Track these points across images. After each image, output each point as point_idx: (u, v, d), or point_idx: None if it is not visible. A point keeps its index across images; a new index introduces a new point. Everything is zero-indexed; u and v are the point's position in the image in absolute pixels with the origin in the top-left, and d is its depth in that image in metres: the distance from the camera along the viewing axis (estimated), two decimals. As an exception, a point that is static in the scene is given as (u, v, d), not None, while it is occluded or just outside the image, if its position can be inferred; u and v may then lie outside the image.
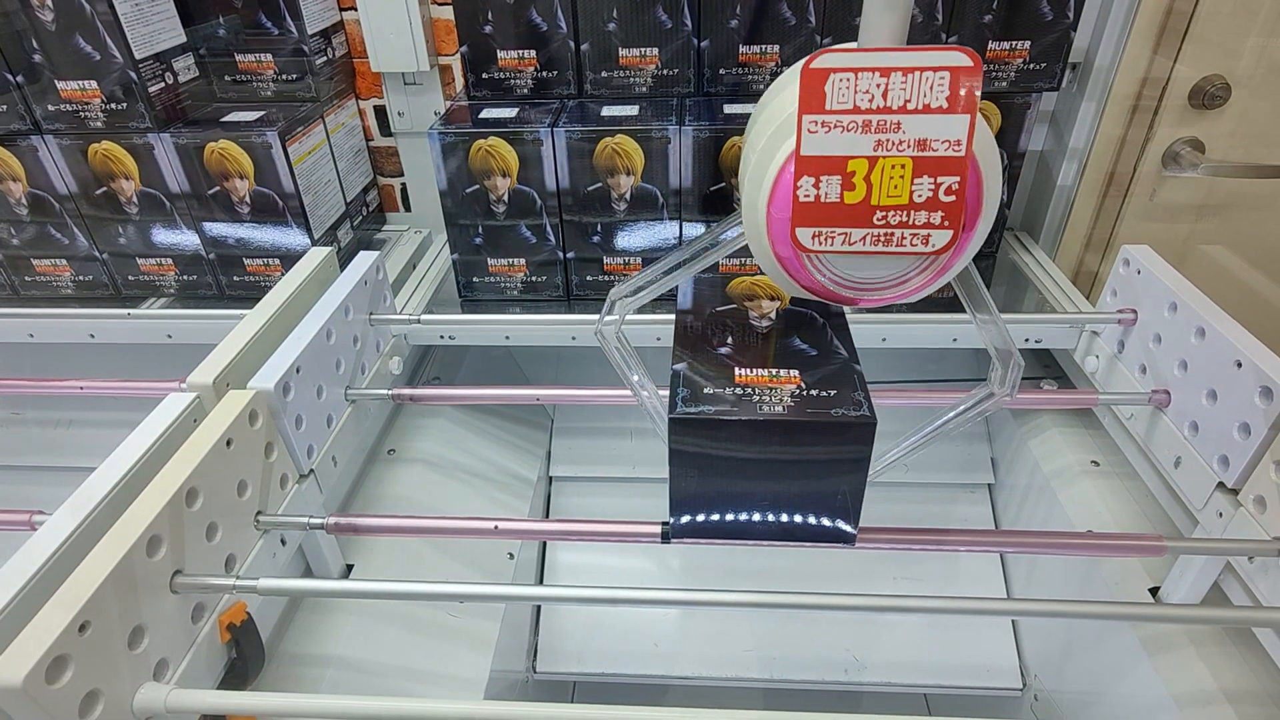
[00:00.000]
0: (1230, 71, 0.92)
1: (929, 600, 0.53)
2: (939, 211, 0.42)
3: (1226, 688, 0.60)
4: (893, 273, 0.46)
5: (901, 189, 0.41)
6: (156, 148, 0.85)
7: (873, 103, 0.40)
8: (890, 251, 0.43)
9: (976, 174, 0.42)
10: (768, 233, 0.45)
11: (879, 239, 0.43)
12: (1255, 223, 1.00)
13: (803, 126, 0.41)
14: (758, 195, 0.45)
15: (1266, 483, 0.56)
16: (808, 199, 0.42)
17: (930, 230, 0.42)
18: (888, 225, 0.43)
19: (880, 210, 0.42)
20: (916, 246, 0.43)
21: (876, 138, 0.41)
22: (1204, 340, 0.63)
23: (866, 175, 0.41)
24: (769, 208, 0.44)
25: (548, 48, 0.87)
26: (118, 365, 0.99)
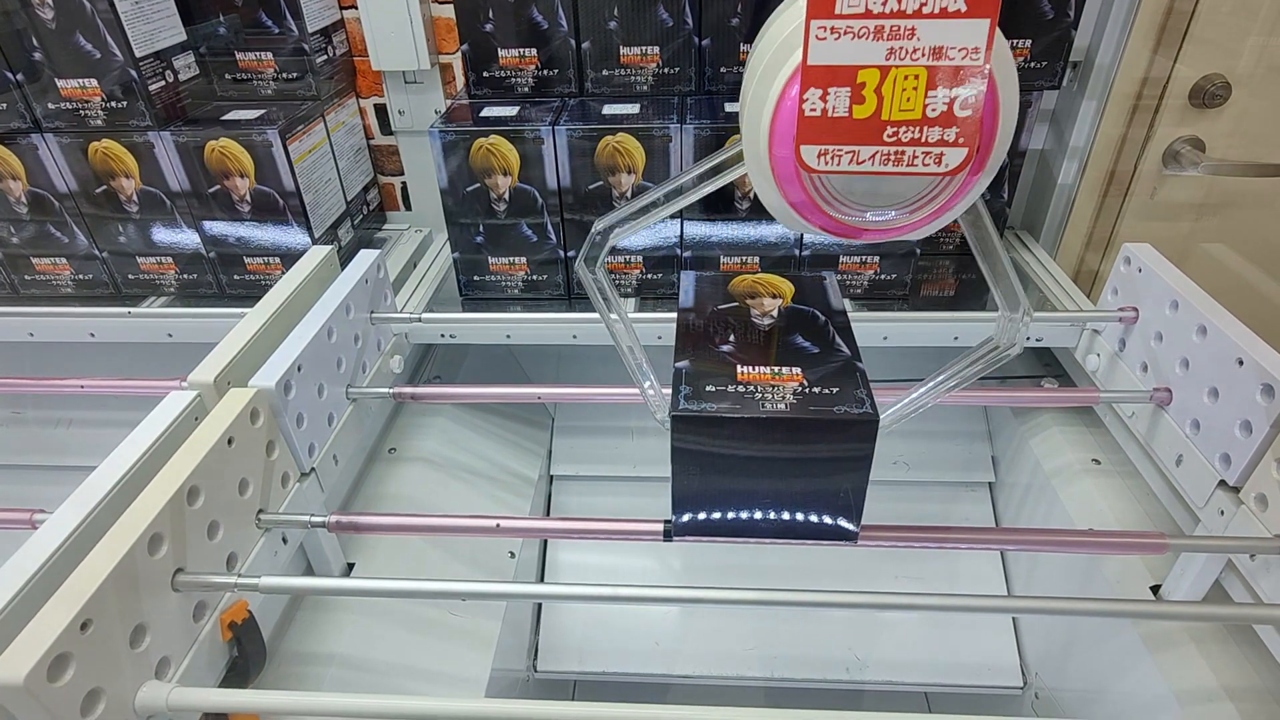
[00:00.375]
0: (1230, 70, 0.92)
1: (930, 598, 0.53)
2: (954, 128, 0.39)
3: (1228, 685, 0.60)
4: (902, 199, 0.43)
5: (914, 102, 0.39)
6: (157, 146, 0.85)
7: (885, 6, 0.37)
8: (901, 172, 0.40)
9: (993, 89, 0.39)
10: (769, 153, 0.42)
11: (889, 158, 0.40)
12: (1255, 221, 1.00)
13: (810, 33, 0.38)
14: (760, 114, 0.42)
15: (1268, 480, 0.56)
16: (814, 113, 0.39)
17: (944, 148, 0.39)
18: (899, 143, 0.40)
19: (891, 126, 0.39)
20: (929, 166, 0.40)
21: (889, 45, 0.38)
22: (1205, 338, 0.63)
23: (877, 87, 0.39)
24: (773, 125, 0.41)
25: (549, 46, 0.87)
26: (118, 364, 0.99)
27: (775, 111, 0.41)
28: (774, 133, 0.42)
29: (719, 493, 0.51)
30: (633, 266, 0.89)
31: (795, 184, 0.43)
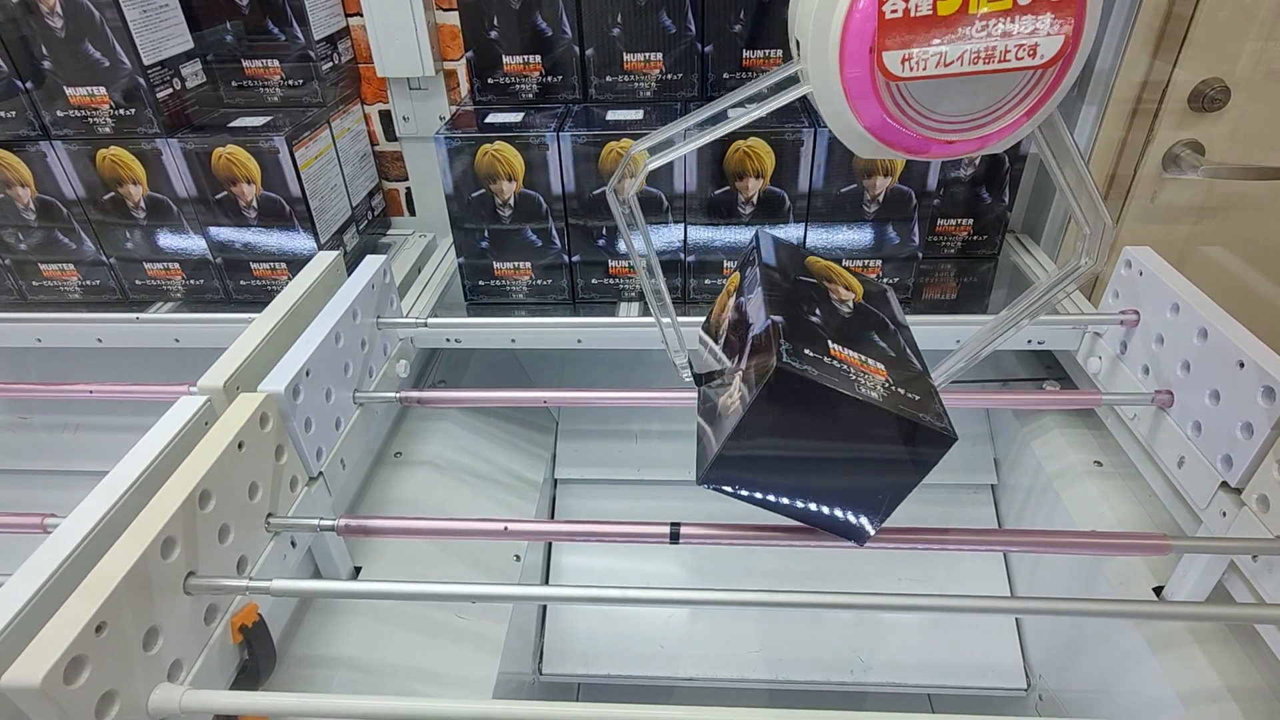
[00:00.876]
0: (1229, 75, 0.93)
1: (933, 599, 0.53)
2: (1048, 14, 0.36)
3: (1231, 685, 0.60)
4: (987, 102, 0.40)
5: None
6: (164, 153, 0.85)
7: None
8: (995, 69, 0.37)
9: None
10: (840, 69, 0.38)
11: (979, 56, 0.37)
12: (1254, 223, 1.01)
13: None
14: (829, 26, 0.38)
15: (1270, 482, 0.57)
16: (895, 14, 0.36)
17: (1038, 39, 0.36)
18: (989, 35, 0.36)
19: (981, 19, 0.36)
20: (1024, 60, 0.37)
21: None
22: (1206, 341, 0.64)
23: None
24: (845, 31, 0.38)
25: (553, 53, 0.88)
26: (125, 370, 0.99)
27: (846, 24, 0.38)
28: (845, 49, 0.38)
29: (772, 458, 0.49)
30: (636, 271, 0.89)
31: (872, 101, 0.40)
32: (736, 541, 0.57)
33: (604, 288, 0.91)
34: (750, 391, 0.46)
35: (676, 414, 1.10)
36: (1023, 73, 0.38)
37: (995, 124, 0.40)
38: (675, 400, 0.70)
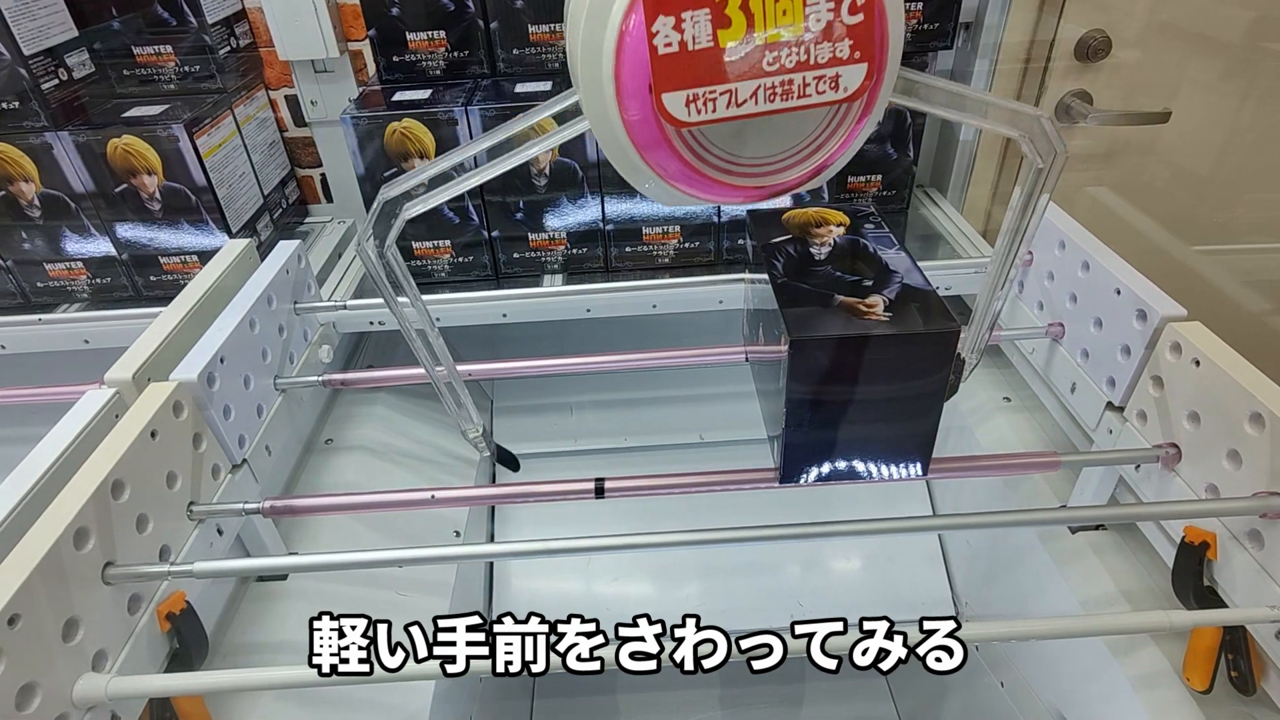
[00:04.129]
0: (1109, 25, 0.98)
1: (862, 524, 0.56)
2: (845, 40, 0.32)
3: (1124, 589, 0.66)
4: (796, 140, 0.35)
5: (792, 13, 0.31)
6: (55, 147, 0.82)
7: None
8: (791, 107, 0.33)
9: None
10: (620, 111, 0.33)
11: (774, 91, 0.32)
12: (1139, 167, 1.07)
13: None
14: (599, 61, 0.32)
15: (1146, 397, 0.61)
16: (669, 48, 0.30)
17: (839, 68, 0.32)
18: (783, 69, 0.32)
19: (770, 50, 0.31)
20: (825, 94, 0.32)
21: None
22: (1089, 273, 0.68)
23: (744, 2, 0.30)
24: (618, 74, 0.32)
25: (457, 27, 0.87)
26: (33, 377, 0.95)
27: (618, 57, 0.31)
28: (622, 87, 0.32)
29: (823, 426, 0.53)
30: (557, 243, 0.90)
31: (664, 149, 0.34)
32: (659, 491, 0.59)
33: (526, 261, 0.91)
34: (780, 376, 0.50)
35: (610, 382, 1.12)
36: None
37: (812, 159, 0.36)
38: (605, 365, 0.72)
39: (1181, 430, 0.57)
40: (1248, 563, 0.52)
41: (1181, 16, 0.99)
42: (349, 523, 0.80)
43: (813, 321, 0.49)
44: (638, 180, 0.37)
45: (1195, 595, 0.55)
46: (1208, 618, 0.49)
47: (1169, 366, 0.59)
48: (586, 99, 0.34)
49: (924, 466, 0.56)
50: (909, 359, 0.50)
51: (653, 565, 1.01)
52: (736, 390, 1.09)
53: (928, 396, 0.52)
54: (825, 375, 0.50)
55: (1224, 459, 0.53)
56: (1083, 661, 0.65)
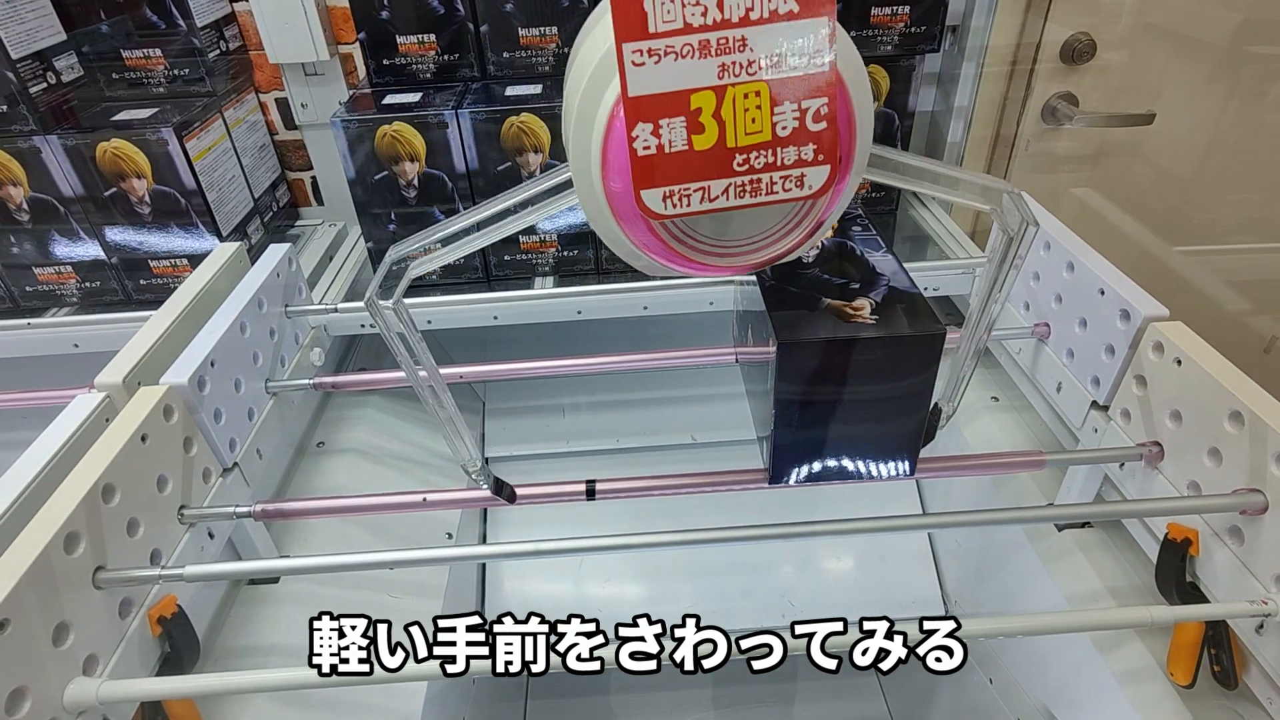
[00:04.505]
0: (1095, 28, 1.00)
1: (852, 523, 0.57)
2: (810, 144, 0.35)
3: (1110, 585, 0.66)
4: (767, 226, 0.39)
5: (761, 122, 0.34)
6: (44, 151, 0.82)
7: (708, 16, 0.32)
8: (761, 202, 0.36)
9: (844, 91, 0.35)
10: (608, 202, 0.37)
11: (744, 189, 0.35)
12: (1123, 168, 1.08)
13: (625, 59, 0.32)
14: (587, 156, 0.36)
15: (1130, 396, 0.62)
16: (648, 151, 0.34)
17: (804, 168, 0.35)
18: (752, 170, 0.35)
19: (740, 153, 0.34)
20: (791, 191, 0.36)
21: (719, 61, 0.33)
22: (1073, 274, 0.69)
23: (716, 111, 0.34)
24: (604, 171, 0.36)
25: (448, 31, 0.88)
26: (22, 381, 0.95)
27: (604, 154, 0.35)
28: (608, 179, 0.35)
29: (811, 427, 0.53)
30: (548, 245, 0.91)
31: (645, 232, 0.37)
32: (650, 493, 0.59)
33: (517, 264, 0.92)
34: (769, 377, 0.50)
35: (601, 383, 1.12)
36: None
37: (783, 242, 0.39)
38: (596, 366, 0.72)
39: (1164, 428, 0.58)
40: (1229, 558, 0.52)
41: (1166, 19, 1.00)
42: (341, 526, 0.80)
43: (800, 324, 0.50)
44: (625, 254, 0.40)
45: (1178, 591, 0.56)
46: (1189, 613, 0.50)
47: (1151, 366, 0.59)
48: (578, 179, 0.38)
49: (911, 466, 0.56)
50: (895, 361, 0.51)
51: (645, 566, 1.02)
52: (727, 391, 1.09)
53: (914, 397, 0.53)
54: (812, 377, 0.51)
55: (1205, 456, 0.54)
56: (1069, 658, 0.66)
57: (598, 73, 0.35)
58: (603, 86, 0.35)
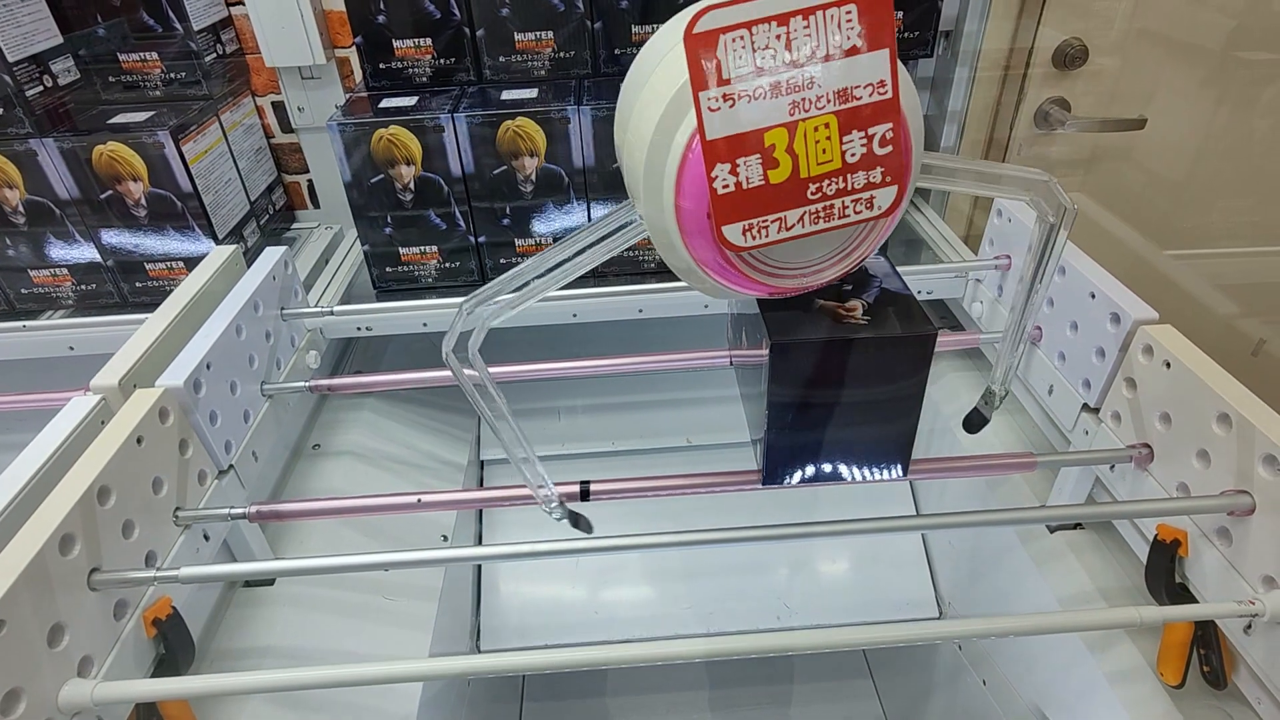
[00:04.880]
0: (1087, 33, 1.00)
1: (847, 524, 0.57)
2: (878, 168, 0.37)
3: (1101, 586, 0.67)
4: (835, 246, 0.41)
5: (831, 152, 0.36)
6: (40, 153, 0.82)
7: (777, 58, 0.34)
8: (835, 226, 0.38)
9: (903, 115, 0.37)
10: (682, 236, 0.38)
11: (818, 215, 0.37)
12: (1115, 172, 1.09)
13: (701, 106, 0.34)
14: (660, 193, 0.38)
15: (1120, 399, 0.63)
16: (727, 189, 0.36)
17: (873, 191, 0.37)
18: (825, 197, 0.37)
19: (813, 182, 0.37)
20: (862, 213, 0.38)
21: (790, 99, 0.35)
22: (1065, 277, 0.70)
23: (789, 146, 0.36)
24: (679, 204, 0.37)
25: (443, 35, 0.88)
26: (17, 383, 0.95)
27: (679, 191, 0.37)
28: (682, 221, 0.37)
29: (804, 428, 0.54)
30: (544, 248, 0.91)
31: (724, 266, 0.39)
32: (644, 494, 0.59)
33: (513, 266, 0.92)
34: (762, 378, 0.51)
35: (597, 386, 1.13)
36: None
37: (848, 260, 0.42)
38: (592, 369, 0.72)
39: (1154, 430, 0.59)
40: (1217, 559, 0.53)
41: (1158, 24, 1.01)
42: (336, 527, 0.80)
43: (793, 325, 0.50)
44: (694, 281, 0.42)
45: (1168, 592, 0.56)
46: (1178, 613, 0.51)
47: (1141, 368, 0.60)
48: (649, 215, 0.40)
49: (904, 468, 0.57)
50: (887, 362, 0.51)
51: (640, 567, 1.02)
52: (722, 394, 1.10)
53: (906, 399, 0.53)
54: (805, 378, 0.51)
55: (1194, 458, 0.55)
56: (1061, 659, 0.67)
57: (670, 112, 0.37)
58: (675, 124, 0.37)
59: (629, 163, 0.42)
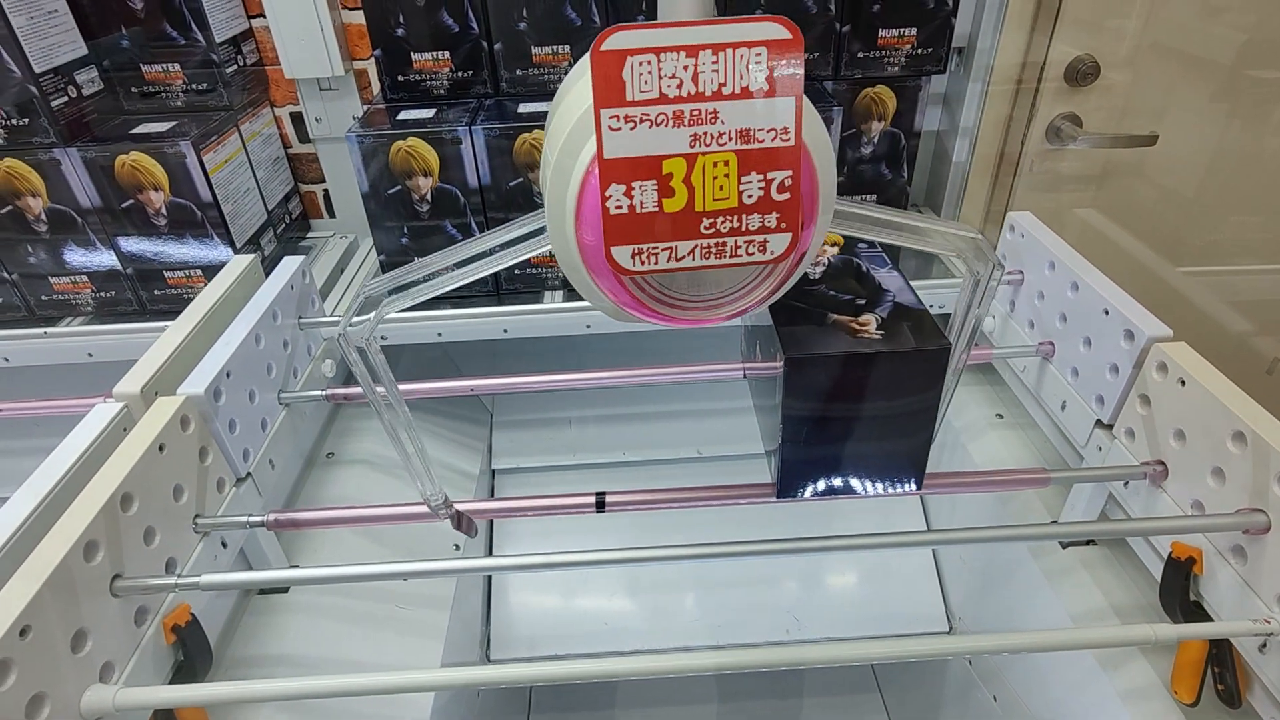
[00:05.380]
0: (1097, 50, 1.01)
1: (857, 538, 0.58)
2: (774, 213, 0.37)
3: (1114, 603, 0.67)
4: (733, 283, 0.41)
5: (728, 189, 0.36)
6: (63, 163, 0.83)
7: (682, 89, 0.34)
8: (725, 264, 0.38)
9: (809, 165, 0.37)
10: (580, 253, 0.38)
11: (709, 250, 0.37)
12: (1127, 188, 1.10)
13: (602, 123, 0.34)
14: (562, 210, 0.38)
15: (1134, 415, 0.63)
16: (620, 210, 0.36)
17: (766, 235, 0.37)
18: (718, 234, 0.37)
19: (707, 217, 0.37)
20: (754, 255, 0.38)
21: (692, 131, 0.35)
22: (1078, 293, 0.70)
23: (686, 177, 0.36)
24: (578, 223, 0.37)
25: (461, 49, 0.89)
26: (37, 389, 0.96)
27: (578, 209, 0.37)
28: (580, 233, 0.37)
29: (820, 440, 0.54)
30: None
31: (614, 281, 0.39)
32: (660, 505, 0.60)
33: (528, 277, 0.93)
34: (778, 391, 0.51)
35: (609, 397, 1.13)
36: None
37: (748, 297, 0.41)
38: (605, 380, 0.73)
39: (1168, 448, 0.59)
40: (1232, 577, 0.53)
41: (1170, 39, 1.01)
42: (348, 535, 0.81)
43: (807, 340, 0.51)
44: (595, 301, 0.42)
45: (1182, 609, 0.56)
46: (1192, 631, 0.51)
47: (1155, 386, 0.60)
48: (552, 229, 0.40)
49: (918, 482, 0.57)
50: (900, 376, 0.52)
51: (650, 577, 1.02)
52: (732, 405, 1.10)
53: (920, 412, 0.54)
54: (820, 392, 0.52)
55: (1209, 476, 0.55)
56: (1073, 675, 0.66)
57: (576, 130, 0.36)
58: (580, 143, 0.36)
59: (542, 175, 0.42)
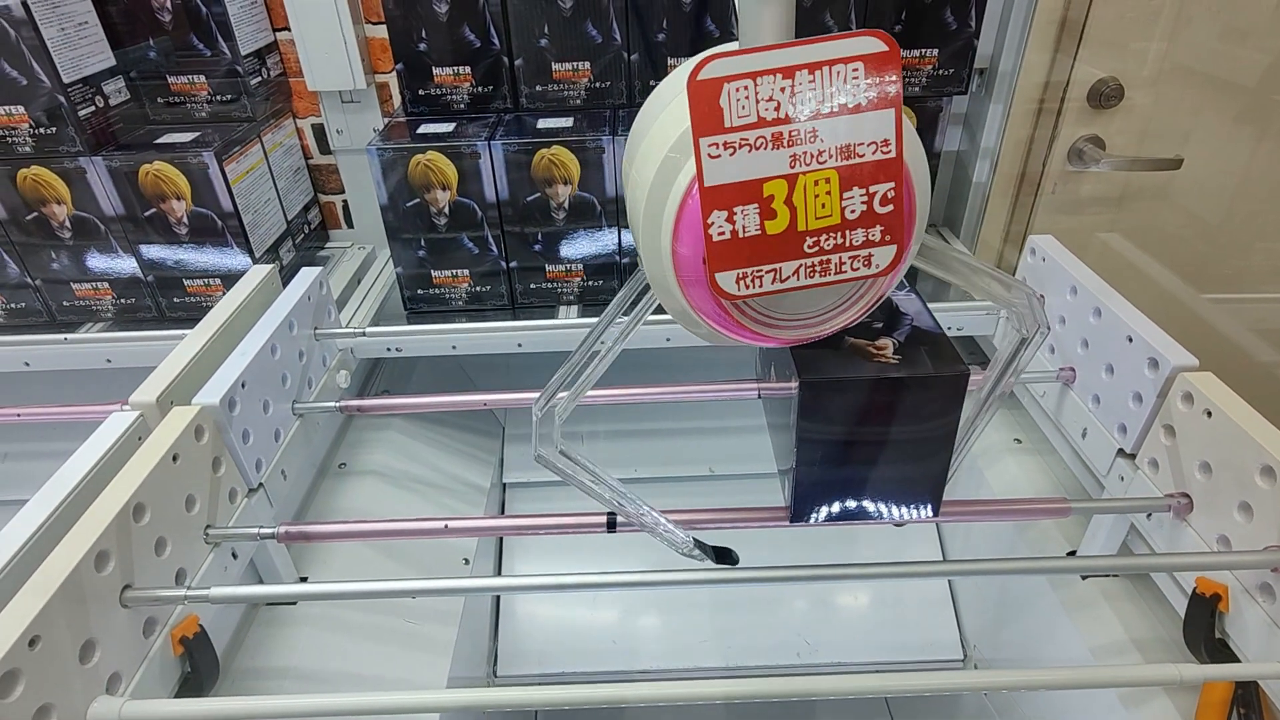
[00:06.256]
0: (1121, 73, 1.00)
1: (872, 568, 0.57)
2: (877, 226, 0.36)
3: (1135, 637, 0.65)
4: (833, 300, 0.41)
5: (830, 207, 0.36)
6: (89, 171, 0.84)
7: (780, 111, 0.34)
8: (830, 281, 0.38)
9: (907, 175, 0.36)
10: (678, 281, 0.38)
11: (814, 269, 0.37)
12: (1150, 212, 1.08)
13: (701, 152, 0.34)
14: (658, 239, 0.38)
15: (1158, 445, 0.61)
16: (722, 236, 0.36)
17: (871, 249, 0.37)
18: (821, 251, 0.37)
19: (810, 236, 0.36)
20: (859, 270, 0.37)
21: (791, 152, 0.35)
22: (1100, 319, 0.69)
23: (787, 198, 0.35)
24: (675, 250, 0.37)
25: (482, 64, 0.90)
26: (56, 394, 0.97)
27: (676, 236, 0.37)
28: (680, 264, 0.38)
29: (834, 466, 0.53)
30: (574, 274, 0.92)
31: (716, 312, 0.39)
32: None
33: (543, 292, 0.93)
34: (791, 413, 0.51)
35: (622, 412, 1.13)
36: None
37: (843, 316, 0.42)
38: (618, 398, 0.72)
39: (1193, 480, 0.57)
40: (1260, 616, 0.51)
41: (1195, 61, 1.00)
42: (358, 547, 0.80)
43: (822, 363, 0.50)
44: (689, 324, 0.42)
45: (1207, 647, 0.55)
46: (1219, 672, 0.49)
47: (1180, 416, 0.59)
48: (648, 263, 0.40)
49: (935, 508, 0.56)
50: (917, 401, 0.51)
51: (660, 598, 1.01)
52: (745, 424, 1.09)
53: (937, 439, 0.53)
54: (835, 417, 0.51)
55: (1235, 511, 0.53)
56: (1093, 710, 0.65)
57: (671, 159, 0.37)
58: (674, 170, 0.37)
59: (631, 204, 0.42)
